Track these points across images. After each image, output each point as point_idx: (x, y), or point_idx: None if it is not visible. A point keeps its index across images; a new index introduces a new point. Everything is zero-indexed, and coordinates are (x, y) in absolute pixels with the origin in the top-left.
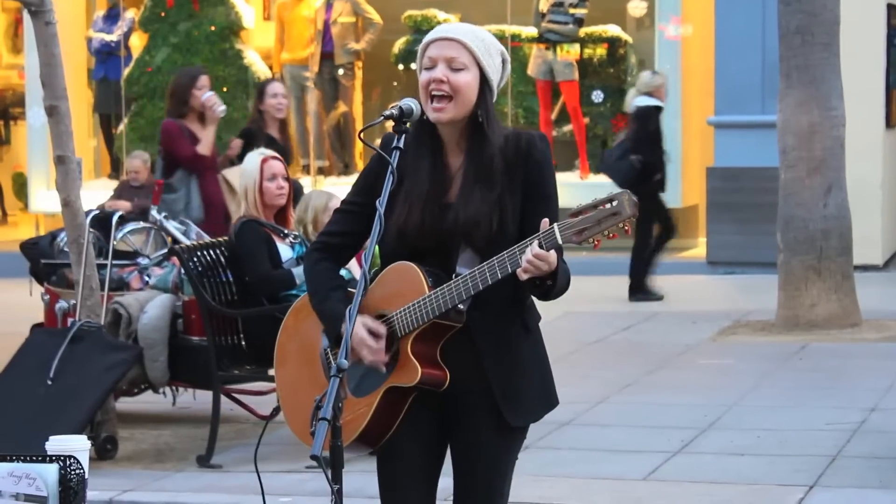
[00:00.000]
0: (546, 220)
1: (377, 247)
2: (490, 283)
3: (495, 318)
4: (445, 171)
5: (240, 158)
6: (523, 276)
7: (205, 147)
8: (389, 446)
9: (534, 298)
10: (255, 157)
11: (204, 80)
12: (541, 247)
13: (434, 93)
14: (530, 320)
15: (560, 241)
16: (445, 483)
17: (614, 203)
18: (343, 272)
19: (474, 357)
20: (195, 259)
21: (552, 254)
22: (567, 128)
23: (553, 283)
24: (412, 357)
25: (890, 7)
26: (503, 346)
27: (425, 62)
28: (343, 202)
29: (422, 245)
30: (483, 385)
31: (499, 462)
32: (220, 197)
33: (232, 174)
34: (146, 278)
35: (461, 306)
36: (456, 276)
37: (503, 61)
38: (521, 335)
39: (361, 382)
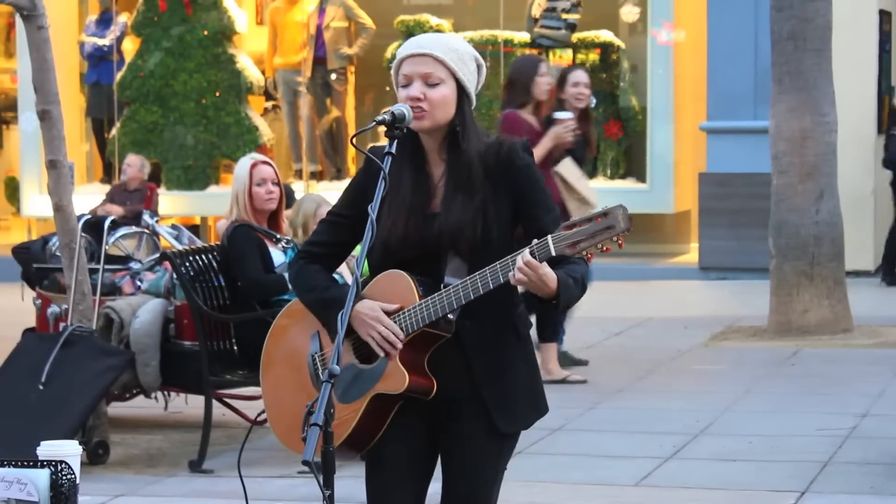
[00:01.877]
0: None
1: (366, 258)
2: (482, 292)
3: (487, 325)
4: (428, 180)
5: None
6: (513, 282)
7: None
8: (377, 452)
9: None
10: (245, 161)
11: (544, 67)
12: (533, 257)
13: (413, 108)
14: (521, 327)
15: (553, 253)
16: (433, 488)
17: (608, 217)
18: (335, 277)
19: (464, 364)
20: (187, 264)
21: (544, 266)
22: None
23: (557, 302)
24: (400, 365)
25: (882, 13)
26: (494, 353)
27: (400, 79)
28: (329, 213)
29: (407, 256)
30: (473, 392)
31: (487, 469)
32: (555, 194)
33: (566, 169)
34: (138, 283)
35: (451, 316)
36: (445, 286)
37: (478, 66)
38: (512, 342)
39: (348, 389)
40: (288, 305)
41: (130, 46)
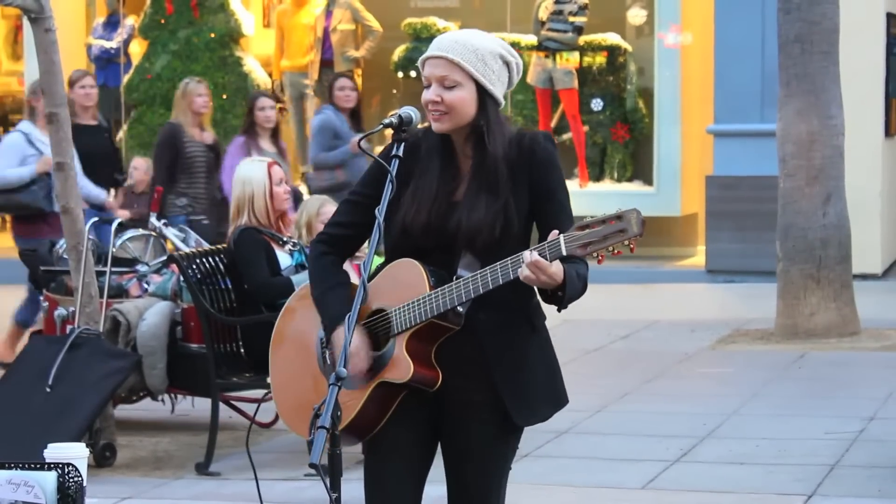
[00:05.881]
0: (556, 231)
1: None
2: (491, 287)
3: (501, 319)
4: (455, 172)
5: None
6: (521, 278)
7: None
8: (379, 438)
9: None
10: (259, 163)
11: None
12: (543, 256)
13: (431, 111)
14: (536, 320)
15: (564, 253)
16: (440, 490)
17: (622, 220)
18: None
19: (476, 359)
20: (194, 266)
21: (555, 264)
22: (566, 136)
23: (563, 294)
24: (406, 354)
25: (889, 16)
26: (510, 347)
27: (423, 80)
28: (350, 192)
29: (424, 243)
30: (482, 387)
31: (492, 465)
32: None
33: None
34: (145, 285)
35: (460, 308)
36: (457, 278)
37: (505, 63)
38: (528, 335)
39: (354, 376)
40: (301, 287)
41: (137, 49)
